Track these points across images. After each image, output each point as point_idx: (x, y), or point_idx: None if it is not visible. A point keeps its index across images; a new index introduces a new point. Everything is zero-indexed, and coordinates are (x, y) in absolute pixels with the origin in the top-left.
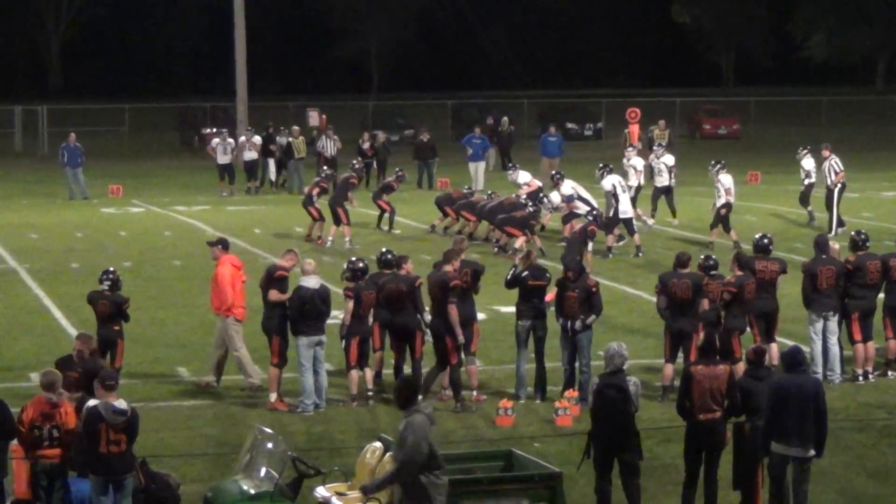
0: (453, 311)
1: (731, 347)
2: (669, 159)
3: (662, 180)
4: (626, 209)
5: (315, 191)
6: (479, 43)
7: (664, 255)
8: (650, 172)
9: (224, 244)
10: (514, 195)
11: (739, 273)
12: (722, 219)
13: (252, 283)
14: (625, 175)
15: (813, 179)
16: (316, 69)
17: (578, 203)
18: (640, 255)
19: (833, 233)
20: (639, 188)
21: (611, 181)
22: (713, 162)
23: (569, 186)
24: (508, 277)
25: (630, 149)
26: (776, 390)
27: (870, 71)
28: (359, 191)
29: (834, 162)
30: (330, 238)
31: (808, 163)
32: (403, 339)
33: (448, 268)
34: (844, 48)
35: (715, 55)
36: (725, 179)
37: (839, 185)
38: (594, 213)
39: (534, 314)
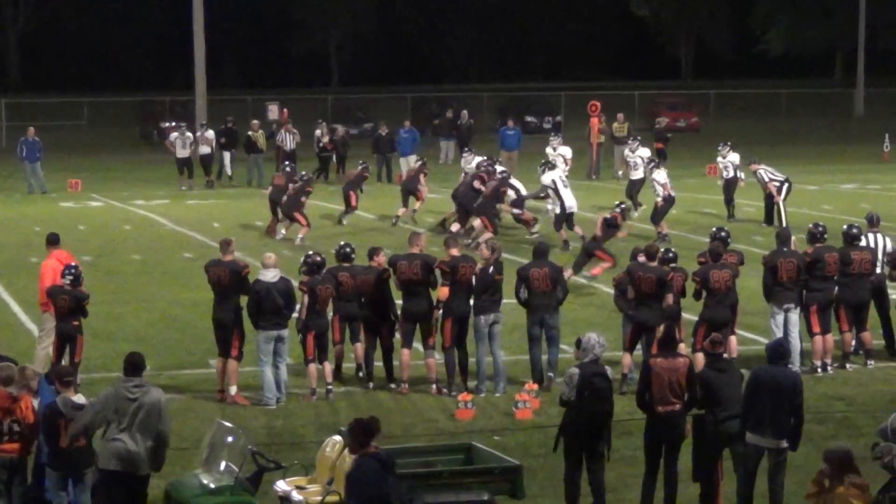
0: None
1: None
2: (645, 152)
3: (638, 173)
4: (571, 204)
5: (303, 199)
6: (439, 36)
7: (624, 248)
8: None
9: (50, 239)
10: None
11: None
12: (658, 211)
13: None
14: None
15: (735, 174)
16: (275, 62)
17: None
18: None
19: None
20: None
21: (550, 177)
22: (647, 159)
23: (549, 178)
24: (477, 280)
25: (633, 141)
26: (751, 381)
27: (828, 64)
28: (318, 182)
29: (762, 172)
30: (283, 231)
31: (733, 157)
32: (374, 329)
33: (455, 251)
34: (803, 41)
35: (674, 48)
36: (659, 176)
37: (786, 186)
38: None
39: (495, 308)
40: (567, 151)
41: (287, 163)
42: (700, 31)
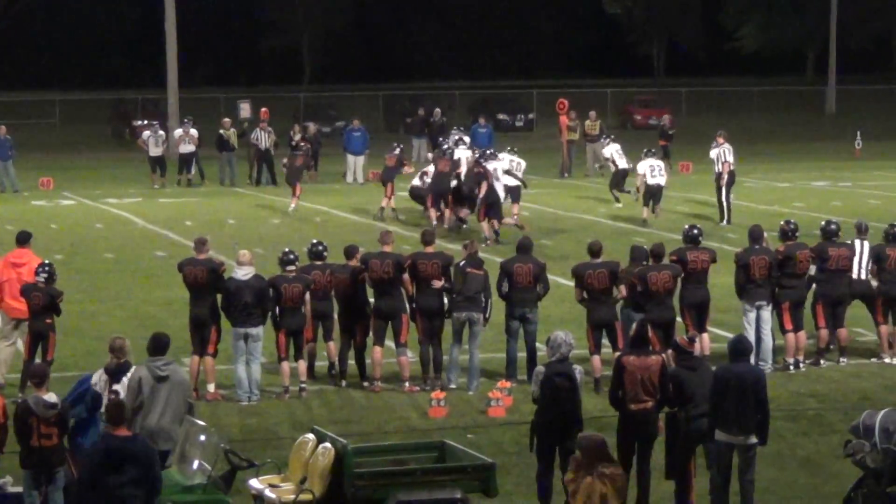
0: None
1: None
2: (608, 150)
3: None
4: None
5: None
6: (412, 34)
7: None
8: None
9: (18, 238)
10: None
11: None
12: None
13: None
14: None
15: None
16: (248, 60)
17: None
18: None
19: (724, 222)
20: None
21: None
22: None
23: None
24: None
25: (605, 139)
26: (717, 379)
27: (800, 61)
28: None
29: (725, 150)
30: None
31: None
32: (348, 328)
33: (430, 249)
34: (775, 39)
35: (646, 46)
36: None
37: (726, 176)
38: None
39: (469, 305)
40: (465, 154)
41: (396, 144)
42: (672, 28)
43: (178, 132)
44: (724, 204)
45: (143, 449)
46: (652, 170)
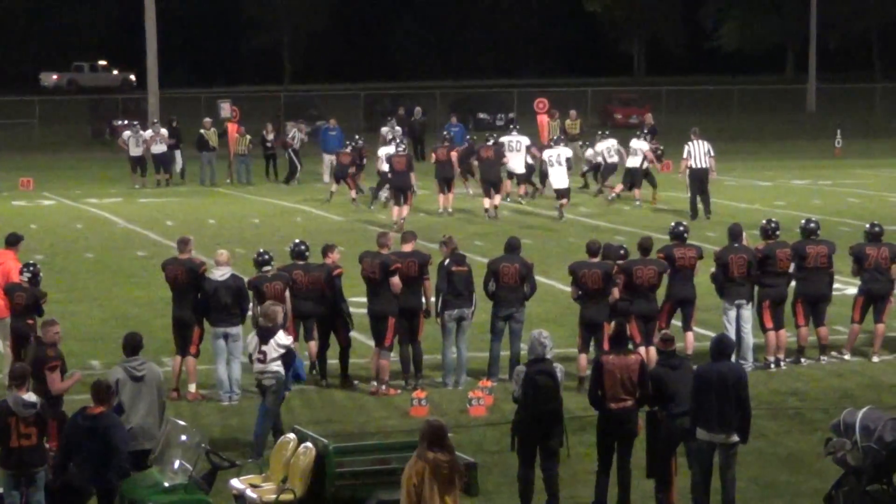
0: (428, 286)
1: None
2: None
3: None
4: None
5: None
6: (392, 33)
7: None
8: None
9: (6, 240)
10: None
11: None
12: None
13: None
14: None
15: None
16: (228, 59)
17: None
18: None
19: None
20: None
21: None
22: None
23: None
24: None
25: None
26: (699, 378)
27: (780, 60)
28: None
29: (688, 146)
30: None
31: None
32: (326, 327)
33: (407, 247)
34: (755, 37)
35: (627, 44)
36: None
37: (686, 172)
38: None
39: (460, 302)
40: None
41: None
42: (652, 27)
43: (149, 133)
44: (691, 201)
45: (106, 425)
46: (635, 152)
